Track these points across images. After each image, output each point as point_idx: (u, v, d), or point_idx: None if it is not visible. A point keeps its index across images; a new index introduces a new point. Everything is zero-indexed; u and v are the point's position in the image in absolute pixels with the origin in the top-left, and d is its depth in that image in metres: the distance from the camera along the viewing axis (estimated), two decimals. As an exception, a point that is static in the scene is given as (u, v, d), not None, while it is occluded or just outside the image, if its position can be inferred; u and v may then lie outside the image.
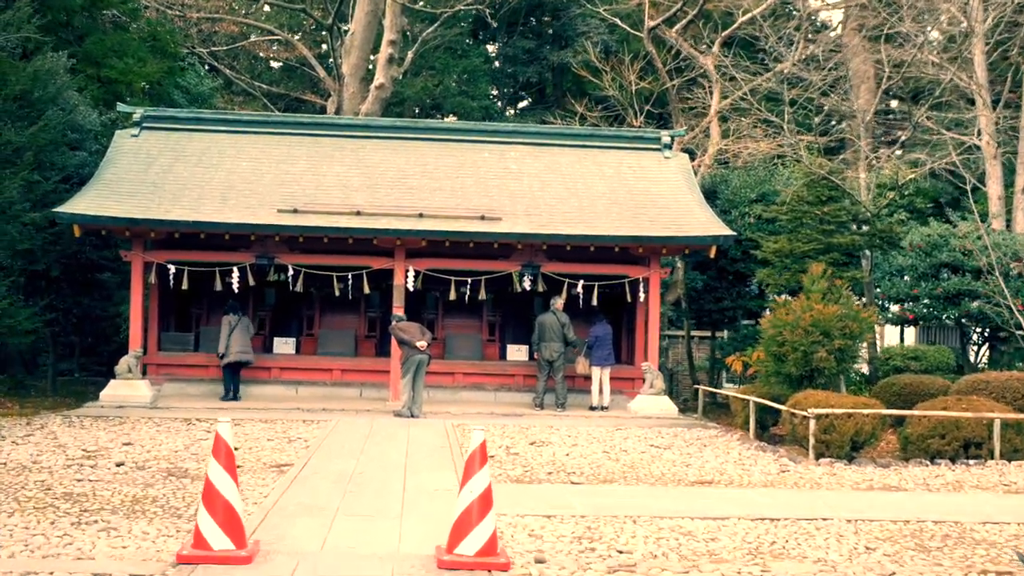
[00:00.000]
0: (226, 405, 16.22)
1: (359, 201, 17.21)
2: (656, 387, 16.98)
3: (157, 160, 18.15)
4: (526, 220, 16.96)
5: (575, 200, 17.88)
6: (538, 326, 17.12)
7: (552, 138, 19.69)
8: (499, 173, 18.66)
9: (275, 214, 16.55)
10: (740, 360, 17.32)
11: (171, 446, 12.05)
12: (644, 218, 17.29)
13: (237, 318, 17.03)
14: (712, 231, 16.77)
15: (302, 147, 19.01)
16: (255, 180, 17.78)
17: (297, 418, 15.20)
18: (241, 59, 34.98)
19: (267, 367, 18.10)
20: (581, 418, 16.33)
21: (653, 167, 19.26)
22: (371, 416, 15.59)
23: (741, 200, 18.87)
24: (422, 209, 16.95)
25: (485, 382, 18.30)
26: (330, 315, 19.38)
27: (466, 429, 14.57)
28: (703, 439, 14.33)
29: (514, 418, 16.02)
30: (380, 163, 18.70)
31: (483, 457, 6.06)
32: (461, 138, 19.52)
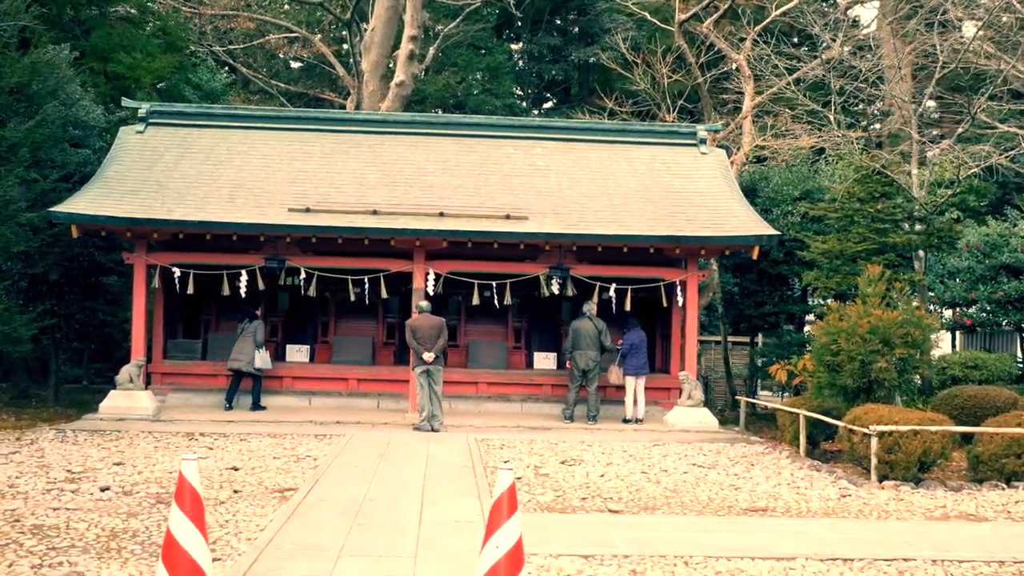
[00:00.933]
0: (232, 416, 15.16)
1: (376, 200, 16.11)
2: (695, 398, 15.78)
3: (163, 157, 17.14)
4: (554, 219, 15.81)
5: (606, 198, 16.72)
6: (572, 333, 15.96)
7: (581, 133, 18.53)
8: (525, 170, 17.53)
9: (286, 213, 15.49)
10: (785, 369, 16.09)
11: (166, 466, 10.96)
12: (681, 217, 16.11)
13: (244, 324, 16.10)
14: (755, 230, 15.57)
15: (316, 143, 17.95)
16: (266, 178, 16.72)
17: (309, 432, 14.11)
18: (258, 58, 34.04)
19: (279, 376, 17.02)
20: (614, 432, 15.17)
21: (688, 163, 18.08)
22: (388, 430, 14.48)
23: (783, 198, 17.64)
24: (443, 208, 15.83)
25: (510, 392, 17.16)
26: (346, 321, 18.29)
27: (491, 445, 13.44)
28: (749, 456, 13.13)
29: (542, 432, 14.87)
30: (398, 160, 17.61)
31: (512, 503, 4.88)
32: (484, 133, 18.40)
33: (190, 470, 4.60)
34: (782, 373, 16.05)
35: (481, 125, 18.58)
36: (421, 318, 15.04)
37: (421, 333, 14.84)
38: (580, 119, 20.18)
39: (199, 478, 4.63)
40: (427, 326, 14.90)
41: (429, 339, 14.80)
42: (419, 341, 14.82)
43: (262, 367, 16.08)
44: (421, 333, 14.84)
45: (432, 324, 14.95)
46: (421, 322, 14.98)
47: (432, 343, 14.78)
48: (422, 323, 14.96)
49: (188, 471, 4.59)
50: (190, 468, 4.61)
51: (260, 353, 16.05)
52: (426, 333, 14.83)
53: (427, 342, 14.77)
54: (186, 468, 4.60)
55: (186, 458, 4.65)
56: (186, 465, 4.62)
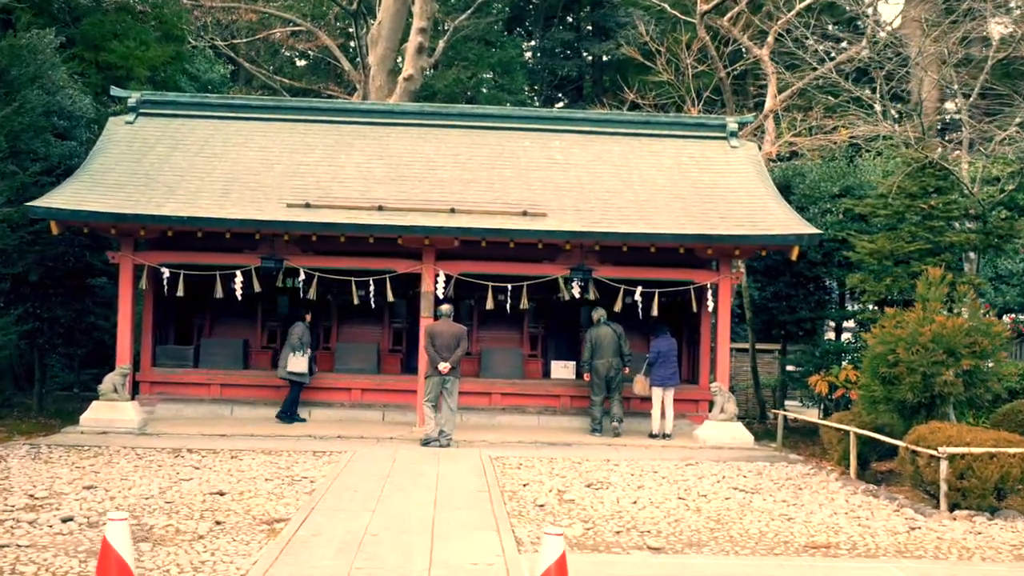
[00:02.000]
0: (226, 429, 13.90)
1: (382, 195, 14.86)
2: (728, 412, 14.49)
3: (153, 149, 15.92)
4: (575, 216, 14.54)
5: (630, 194, 15.44)
6: (590, 340, 14.71)
7: (601, 125, 17.26)
8: (542, 164, 16.27)
9: (284, 209, 14.25)
10: (825, 380, 14.78)
11: (143, 490, 9.71)
12: (712, 214, 14.83)
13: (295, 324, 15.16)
14: (794, 229, 14.28)
15: (318, 135, 16.72)
16: (263, 171, 15.49)
17: (307, 448, 12.86)
18: (261, 52, 32.85)
19: (277, 385, 15.76)
20: (641, 448, 13.89)
21: (718, 157, 16.80)
22: (394, 446, 13.22)
23: (820, 195, 16.34)
24: (454, 203, 14.58)
25: (527, 404, 15.90)
26: (349, 326, 17.03)
27: (507, 464, 12.17)
28: (794, 479, 11.84)
29: (563, 448, 13.60)
30: (406, 153, 16.37)
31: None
32: (498, 125, 17.15)
33: (117, 534, 3.32)
34: (822, 384, 14.74)
35: (495, 116, 17.33)
36: (441, 323, 13.85)
37: (440, 340, 13.62)
38: (600, 111, 18.89)
39: (129, 543, 3.36)
40: (447, 333, 13.69)
41: (447, 347, 13.60)
42: (437, 349, 13.62)
43: (295, 371, 14.83)
44: (440, 340, 13.62)
45: (453, 331, 13.76)
46: (441, 328, 13.77)
47: (450, 352, 13.58)
48: (442, 329, 13.74)
49: (115, 536, 3.31)
50: (117, 532, 3.33)
51: (294, 356, 14.84)
52: (446, 340, 13.62)
53: (445, 350, 13.58)
54: (112, 532, 3.32)
55: (114, 517, 3.38)
56: (112, 528, 3.34)
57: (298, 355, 14.80)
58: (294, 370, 14.79)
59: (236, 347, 16.02)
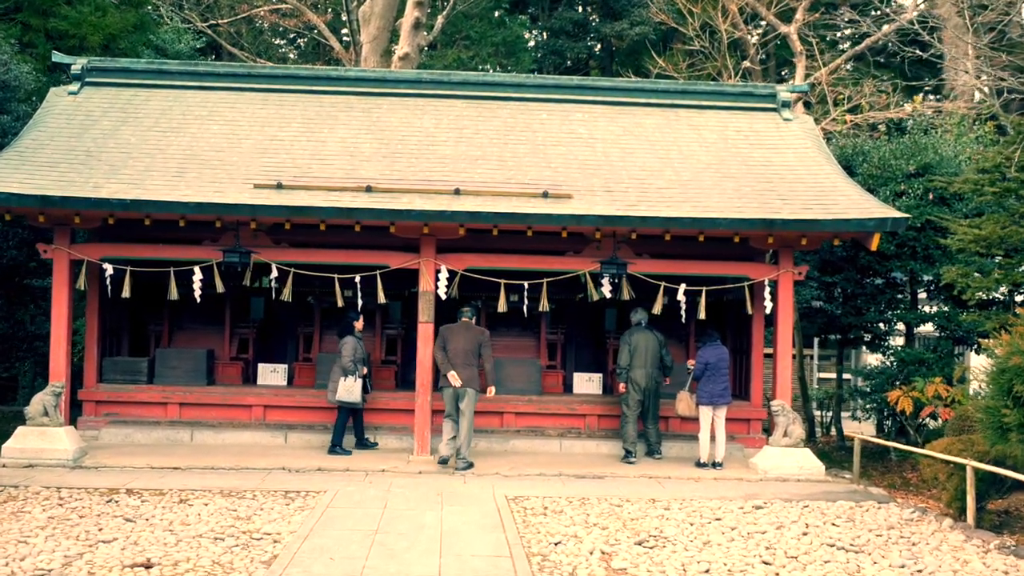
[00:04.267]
0: (181, 461, 11.28)
1: (371, 174, 12.27)
2: (793, 436, 11.90)
3: (98, 123, 13.32)
4: (606, 199, 11.94)
5: (671, 173, 12.85)
6: (627, 347, 12.13)
7: (631, 95, 14.66)
8: (563, 138, 13.67)
9: (251, 191, 11.64)
10: (909, 397, 12.19)
11: (42, 560, 7.10)
12: (772, 196, 12.23)
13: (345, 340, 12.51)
14: (875, 212, 11.70)
15: (296, 107, 14.12)
16: (228, 148, 12.88)
17: (277, 486, 10.27)
18: (244, 34, 30.28)
19: (247, 404, 13.19)
20: (689, 482, 11.30)
21: (770, 131, 14.22)
22: (386, 481, 10.61)
23: (891, 175, 13.76)
24: (459, 184, 11.99)
25: (546, 425, 13.30)
26: (334, 334, 14.38)
27: (528, 508, 9.59)
28: (897, 527, 9.25)
29: (594, 483, 11.01)
30: (401, 126, 13.77)
31: None
32: (509, 95, 14.55)
33: None
34: (905, 401, 12.15)
35: (505, 85, 14.72)
36: (458, 327, 11.70)
37: (454, 345, 11.52)
38: (629, 79, 16.29)
39: None
40: (465, 338, 11.58)
41: (463, 355, 11.49)
42: (450, 355, 11.49)
43: (346, 399, 12.20)
44: (454, 345, 11.52)
45: (471, 337, 11.63)
46: (457, 331, 11.63)
47: (467, 361, 11.45)
48: (458, 333, 11.62)
49: None
50: None
51: (344, 380, 12.20)
52: (462, 346, 11.52)
53: (459, 358, 11.46)
54: None
55: None
56: None
57: (350, 379, 12.18)
58: (345, 399, 12.18)
59: (198, 359, 13.40)
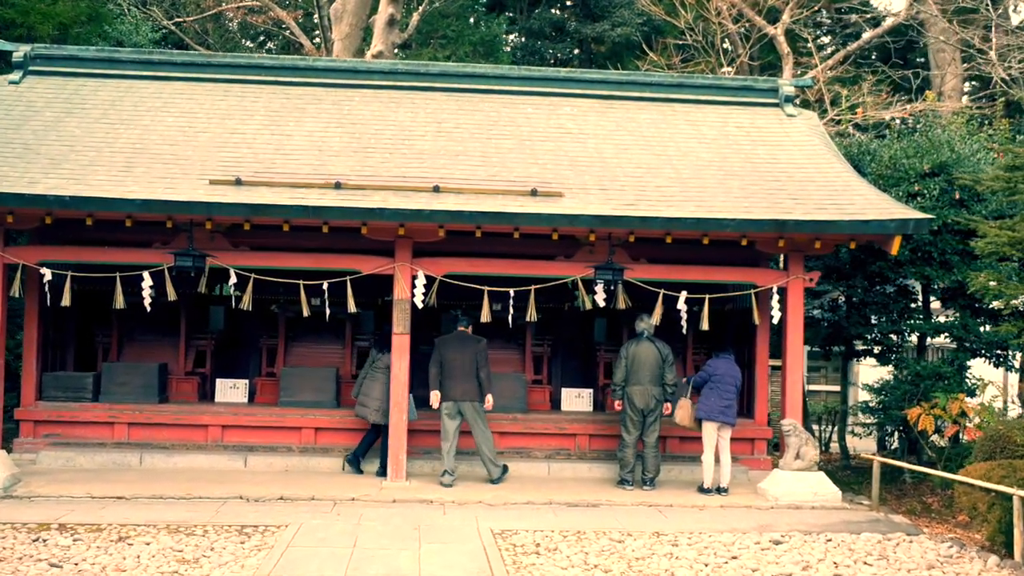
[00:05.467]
0: (127, 489, 10.03)
1: (341, 170, 11.11)
2: (806, 458, 10.81)
3: (40, 114, 12.10)
4: (601, 197, 10.83)
5: (669, 170, 11.77)
6: (626, 360, 11.01)
7: (623, 88, 13.59)
8: (551, 134, 12.58)
9: (206, 187, 10.45)
10: (931, 415, 11.13)
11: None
12: (782, 195, 11.17)
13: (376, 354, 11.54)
14: (895, 213, 10.66)
15: (259, 99, 12.95)
16: (183, 141, 11.69)
17: (233, 519, 9.06)
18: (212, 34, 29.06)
19: (202, 423, 11.95)
20: (693, 511, 10.19)
21: (773, 127, 13.19)
22: (357, 513, 9.41)
23: (904, 175, 12.75)
24: (438, 180, 10.84)
25: (532, 446, 12.15)
26: (299, 346, 13.19)
27: (517, 545, 8.44)
28: (937, 565, 8.18)
29: (589, 512, 9.88)
30: (374, 120, 12.63)
31: None
32: (492, 87, 13.45)
33: None
34: (927, 420, 11.09)
35: (487, 77, 13.60)
36: (454, 338, 11.00)
37: (453, 358, 10.86)
38: (620, 71, 15.20)
39: None
40: (463, 349, 10.90)
41: (462, 367, 10.81)
42: (446, 371, 10.78)
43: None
44: (453, 358, 10.86)
45: (470, 347, 10.93)
46: (454, 344, 10.95)
47: (466, 373, 10.85)
48: (455, 345, 10.93)
49: None
50: None
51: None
52: (460, 358, 10.83)
53: (459, 371, 10.80)
54: None
55: None
56: None
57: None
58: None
59: (149, 374, 12.15)
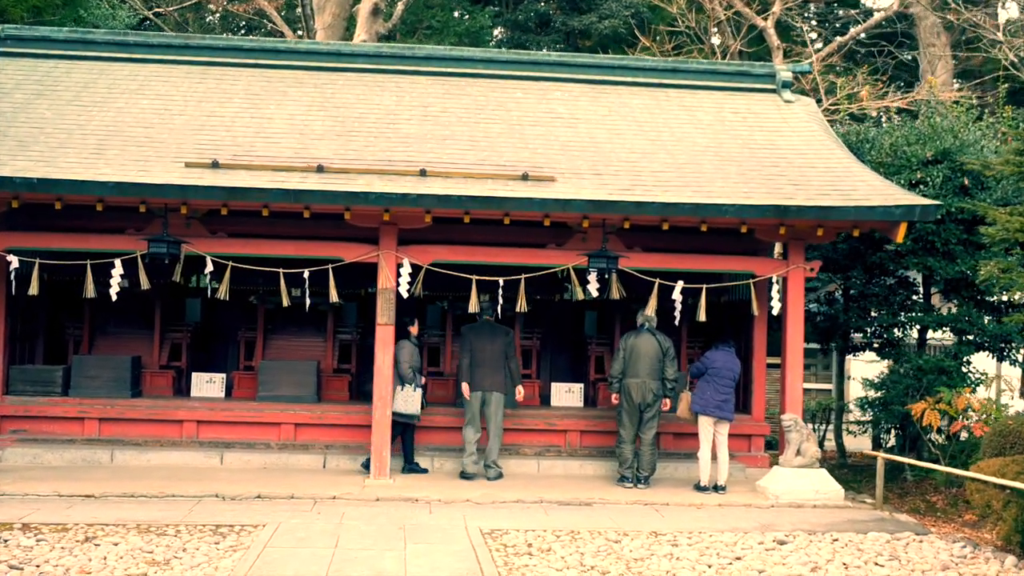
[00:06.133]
0: (97, 488, 9.52)
1: (324, 153, 10.63)
2: (807, 455, 10.39)
3: (10, 95, 11.59)
4: (595, 182, 10.39)
5: (665, 156, 11.34)
6: (624, 352, 10.57)
7: (616, 72, 13.16)
8: (542, 118, 12.13)
9: (181, 170, 9.95)
10: (935, 410, 10.74)
11: None
12: (782, 181, 10.75)
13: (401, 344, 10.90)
14: (900, 199, 10.26)
15: (239, 81, 12.47)
16: (158, 123, 11.19)
17: (207, 518, 8.57)
18: (192, 25, 28.53)
19: (177, 419, 11.45)
20: (691, 509, 9.77)
21: (770, 113, 12.79)
22: (339, 512, 8.94)
23: (905, 162, 12.36)
24: (424, 164, 10.38)
25: (521, 442, 11.68)
26: (279, 338, 12.69)
27: (509, 546, 7.99)
28: (952, 566, 7.77)
29: (582, 511, 9.43)
30: (358, 103, 12.15)
31: None
32: (479, 71, 13.00)
33: None
34: (932, 415, 10.69)
35: (475, 61, 13.14)
36: (482, 327, 10.80)
37: (482, 347, 10.68)
38: (613, 55, 14.76)
39: None
40: (492, 339, 10.74)
41: (492, 358, 10.70)
42: (476, 360, 10.63)
43: (403, 411, 10.67)
44: (482, 347, 10.68)
45: (498, 336, 10.78)
46: (482, 332, 10.75)
47: (495, 364, 10.69)
48: (484, 334, 10.75)
49: None
50: None
51: (402, 390, 10.66)
52: (490, 347, 10.67)
53: (489, 363, 10.69)
54: None
55: None
56: None
57: (407, 388, 10.66)
58: (403, 410, 10.65)
59: (122, 367, 11.63)
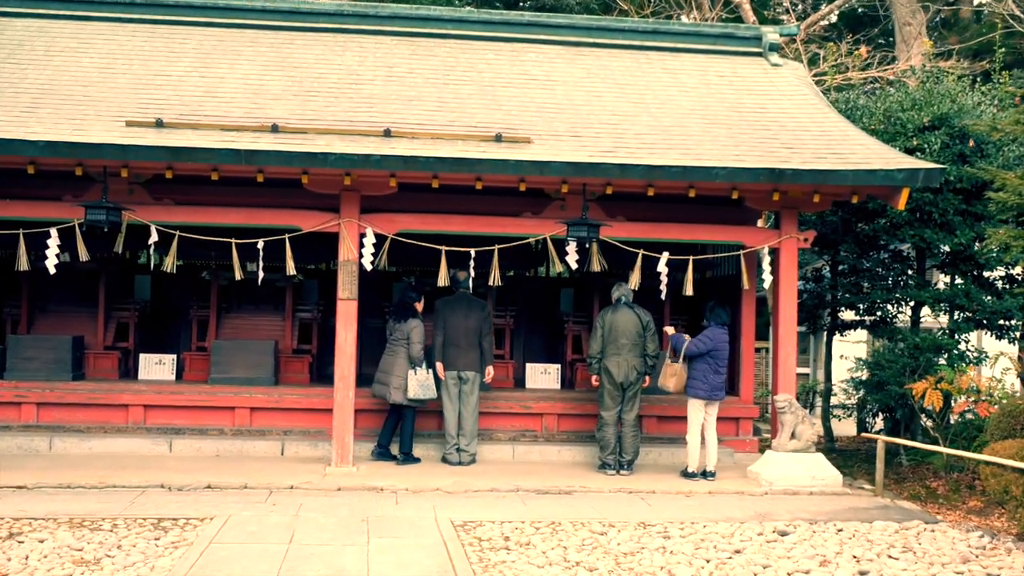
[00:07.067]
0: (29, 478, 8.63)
1: (280, 113, 9.76)
2: (803, 438, 9.67)
3: (-64, 53, 10.64)
4: (574, 144, 9.60)
5: (647, 118, 10.57)
6: (602, 329, 9.80)
7: (593, 34, 12.38)
8: (515, 80, 11.33)
9: (122, 129, 9.06)
10: (938, 390, 10.05)
11: None
12: (775, 144, 10.01)
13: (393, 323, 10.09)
14: (901, 163, 9.55)
15: (189, 40, 11.57)
16: (100, 82, 10.28)
17: (150, 511, 7.73)
18: None
19: (122, 403, 10.56)
20: (679, 496, 9.04)
21: (757, 76, 12.05)
22: (295, 503, 8.12)
23: (900, 129, 11.67)
24: (390, 125, 9.54)
25: (495, 427, 10.89)
26: (235, 317, 11.81)
27: (484, 540, 7.21)
28: (973, 559, 7.08)
29: (562, 500, 8.68)
30: (317, 63, 11.29)
31: None
32: (448, 31, 12.19)
33: None
34: (934, 395, 10.01)
35: (443, 20, 12.30)
36: (457, 300, 9.97)
37: (456, 323, 9.88)
38: (590, 16, 13.94)
39: None
40: (467, 314, 9.94)
41: (467, 334, 9.95)
42: (450, 338, 9.94)
43: (422, 397, 9.83)
44: (456, 323, 9.88)
45: (475, 311, 9.98)
46: (457, 306, 9.94)
47: (470, 341, 9.95)
48: (459, 308, 9.93)
49: None
50: None
51: (415, 374, 9.79)
52: (464, 323, 9.90)
53: (463, 339, 9.94)
54: None
55: None
56: None
57: (421, 371, 9.80)
58: (421, 396, 9.83)
59: (62, 347, 10.72)
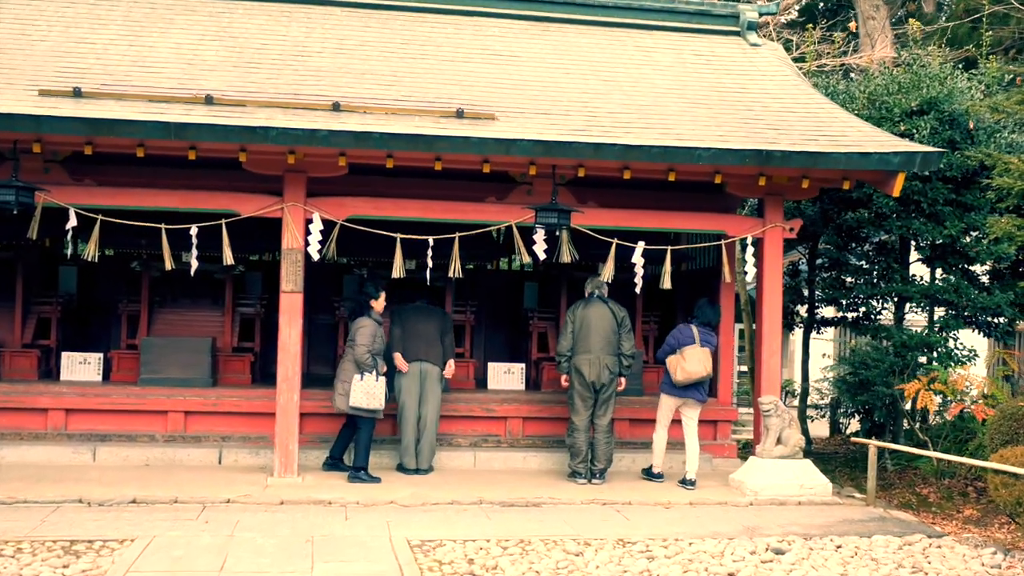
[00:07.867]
0: None
1: (216, 85, 8.79)
2: (789, 443, 8.90)
3: None
4: (543, 122, 8.72)
5: (621, 96, 9.73)
6: (573, 325, 8.97)
7: (560, 9, 11.52)
8: (476, 56, 10.44)
9: (35, 98, 8.04)
10: (931, 391, 9.33)
11: None
12: (761, 125, 9.22)
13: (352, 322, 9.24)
14: (896, 146, 8.81)
15: (117, 7, 10.53)
16: (13, 50, 9.24)
17: (63, 531, 6.74)
18: None
19: (40, 407, 9.51)
20: (658, 508, 8.23)
21: (735, 56, 11.28)
22: (232, 518, 7.15)
23: (886, 114, 10.95)
24: (339, 99, 8.61)
25: (454, 431, 9.99)
26: (169, 312, 10.73)
27: (446, 561, 6.31)
28: (991, 581, 6.33)
29: (530, 513, 7.81)
30: (260, 33, 10.31)
31: None
32: (403, 3, 11.26)
33: None
34: (927, 397, 9.29)
35: (396, -9, 11.39)
36: (414, 309, 9.36)
37: (413, 323, 9.23)
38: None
39: None
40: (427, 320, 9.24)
41: (425, 333, 9.19)
42: (408, 333, 9.15)
43: (364, 406, 8.69)
44: (413, 323, 9.23)
45: (435, 319, 9.33)
46: (413, 312, 9.27)
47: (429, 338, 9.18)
48: (414, 314, 9.25)
49: None
50: None
51: (361, 380, 8.67)
52: (423, 326, 9.16)
53: (421, 335, 9.17)
54: None
55: None
56: None
57: (369, 377, 8.67)
58: (364, 405, 8.70)
59: (-28, 345, 9.67)
